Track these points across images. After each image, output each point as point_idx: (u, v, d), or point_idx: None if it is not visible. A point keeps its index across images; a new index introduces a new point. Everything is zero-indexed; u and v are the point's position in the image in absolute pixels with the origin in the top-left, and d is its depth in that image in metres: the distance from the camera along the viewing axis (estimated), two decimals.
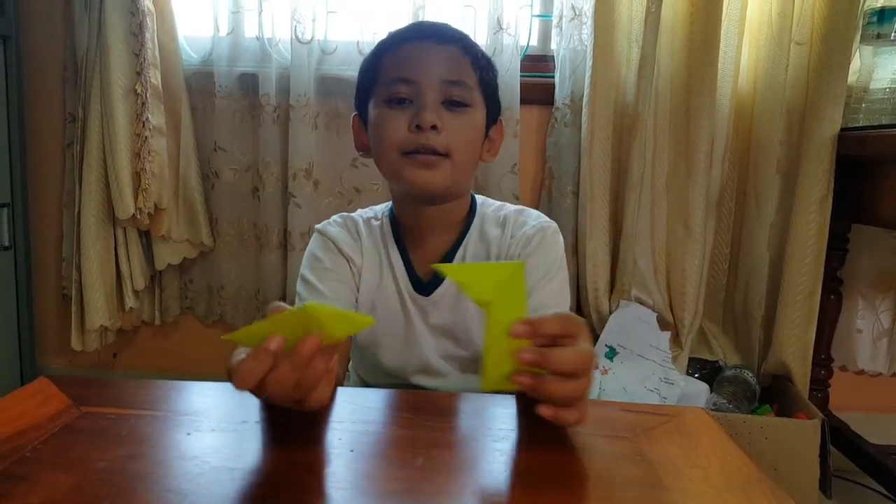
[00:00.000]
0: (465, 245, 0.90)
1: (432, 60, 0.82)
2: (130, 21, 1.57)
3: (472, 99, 0.84)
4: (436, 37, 0.84)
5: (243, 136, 1.73)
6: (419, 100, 0.81)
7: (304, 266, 0.90)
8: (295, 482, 0.46)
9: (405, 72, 0.82)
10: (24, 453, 0.49)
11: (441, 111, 0.81)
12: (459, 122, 0.83)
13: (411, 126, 0.80)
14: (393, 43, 0.86)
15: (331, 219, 0.95)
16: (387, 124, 0.82)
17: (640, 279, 1.62)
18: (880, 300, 1.73)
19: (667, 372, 1.51)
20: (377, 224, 0.93)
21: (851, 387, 1.76)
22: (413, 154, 0.81)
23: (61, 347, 1.84)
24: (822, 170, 1.44)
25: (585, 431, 0.56)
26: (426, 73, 0.81)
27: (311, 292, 0.86)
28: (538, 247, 0.89)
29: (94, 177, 1.63)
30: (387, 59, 0.85)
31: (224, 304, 1.81)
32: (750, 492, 0.48)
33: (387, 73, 0.84)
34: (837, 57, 1.41)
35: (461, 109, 0.83)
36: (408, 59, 0.83)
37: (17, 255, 1.73)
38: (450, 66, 0.83)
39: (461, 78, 0.83)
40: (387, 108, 0.83)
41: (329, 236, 0.91)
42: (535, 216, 0.93)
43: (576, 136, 1.64)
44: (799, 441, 1.33)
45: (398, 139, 0.81)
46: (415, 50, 0.83)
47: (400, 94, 0.82)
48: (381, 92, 0.84)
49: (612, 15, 1.55)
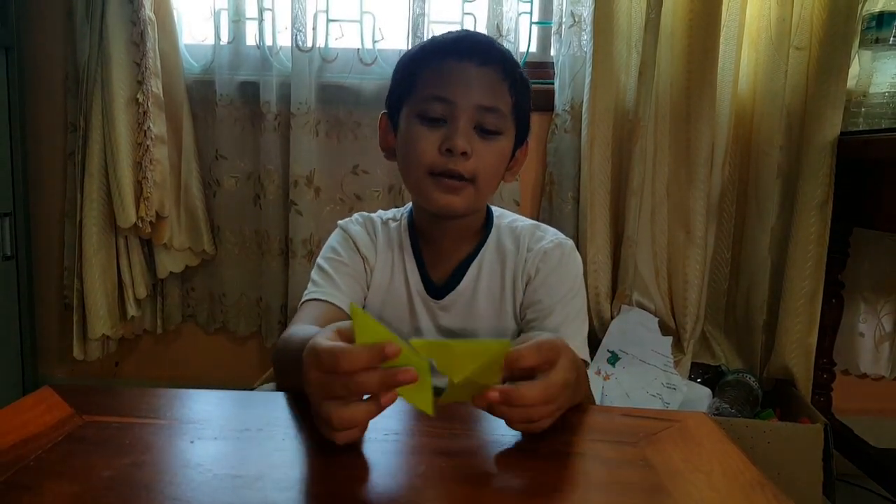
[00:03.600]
0: (481, 256, 0.92)
1: (471, 83, 0.82)
2: (131, 30, 1.58)
3: (504, 126, 0.85)
4: (478, 57, 0.83)
5: (244, 144, 1.73)
6: (452, 122, 0.82)
7: (321, 256, 0.93)
8: (298, 490, 0.46)
9: (442, 91, 0.82)
10: (28, 462, 0.49)
11: (472, 136, 0.82)
12: (489, 150, 0.84)
13: (441, 148, 0.81)
14: (435, 55, 0.85)
15: (353, 217, 0.98)
16: (418, 142, 0.83)
17: (641, 284, 1.62)
18: (882, 304, 1.72)
19: (669, 377, 1.51)
20: (395, 225, 0.96)
21: (854, 391, 1.76)
22: (439, 176, 0.82)
23: (63, 357, 1.84)
24: (822, 174, 1.44)
25: (588, 437, 0.56)
26: (463, 96, 0.81)
27: (327, 281, 0.88)
28: (559, 264, 0.90)
29: (95, 186, 1.63)
30: (426, 71, 0.85)
31: (226, 312, 1.81)
32: (753, 496, 0.47)
33: (424, 87, 0.84)
34: (836, 61, 1.41)
35: (492, 137, 0.84)
36: (447, 78, 0.82)
37: (18, 265, 1.73)
38: (487, 91, 0.83)
39: (496, 105, 0.83)
40: (419, 123, 0.83)
41: (349, 233, 0.94)
42: (552, 232, 0.95)
43: (576, 142, 1.64)
44: (802, 445, 1.32)
45: (427, 159, 0.82)
46: (455, 70, 0.83)
47: (434, 112, 0.82)
48: (415, 104, 0.84)
49: (611, 21, 1.55)
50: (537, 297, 0.89)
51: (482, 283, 0.91)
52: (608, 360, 1.55)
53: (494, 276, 0.91)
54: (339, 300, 0.86)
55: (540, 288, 0.89)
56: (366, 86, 1.68)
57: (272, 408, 0.62)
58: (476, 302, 0.91)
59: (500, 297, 0.91)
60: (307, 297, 0.87)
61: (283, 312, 1.76)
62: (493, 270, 0.92)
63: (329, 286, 0.88)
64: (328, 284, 0.88)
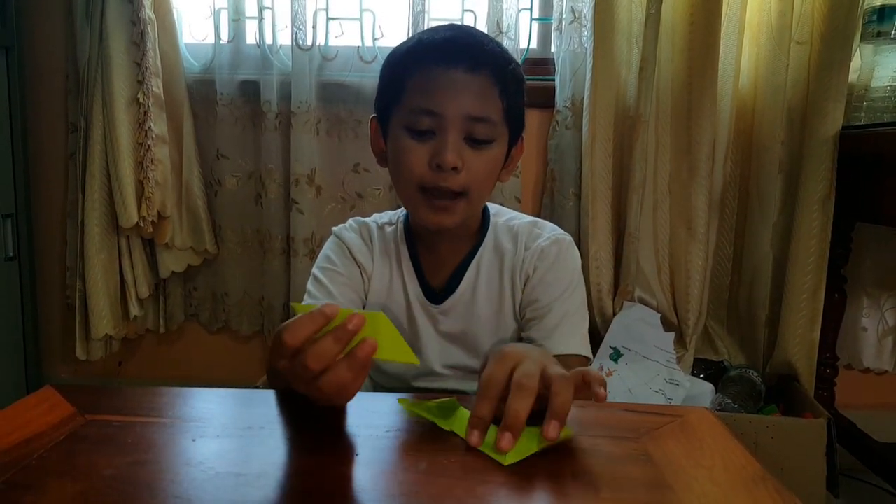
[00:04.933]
0: (479, 257, 0.91)
1: (459, 92, 0.79)
2: (132, 30, 1.58)
3: (496, 133, 0.82)
4: (466, 62, 0.79)
5: (245, 143, 1.73)
6: (441, 135, 0.79)
7: (317, 265, 0.92)
8: (300, 487, 0.46)
9: (429, 103, 0.79)
10: (31, 462, 0.49)
11: (462, 148, 0.79)
12: (480, 160, 0.81)
13: (431, 163, 0.79)
14: (422, 61, 0.81)
15: (347, 223, 0.96)
16: (407, 157, 0.81)
17: (643, 280, 1.62)
18: (885, 298, 1.72)
19: (672, 373, 1.51)
20: (391, 230, 0.94)
21: (857, 385, 1.75)
22: (430, 193, 0.80)
23: (66, 357, 1.85)
24: (824, 168, 1.44)
25: (590, 433, 0.56)
26: (450, 108, 0.78)
27: (321, 291, 0.88)
28: (556, 261, 0.89)
29: (97, 186, 1.63)
30: (413, 79, 0.81)
31: (228, 311, 1.81)
32: (755, 491, 0.47)
33: (411, 98, 0.81)
34: (838, 56, 1.41)
35: (484, 146, 0.81)
36: (434, 88, 0.79)
37: (21, 265, 1.73)
38: (476, 100, 0.79)
39: (486, 114, 0.80)
40: (408, 136, 0.81)
41: (344, 240, 0.93)
42: (549, 228, 0.93)
43: (577, 139, 1.64)
44: (805, 440, 1.32)
45: (417, 174, 0.80)
46: (442, 79, 0.79)
47: (422, 125, 0.79)
48: (403, 115, 0.82)
49: (611, 17, 1.55)
50: (535, 296, 0.88)
51: (481, 285, 0.90)
52: (611, 357, 1.55)
53: (493, 277, 0.91)
54: None
55: (538, 286, 0.89)
56: (366, 84, 1.67)
57: (274, 406, 0.62)
58: (475, 304, 0.90)
59: (499, 297, 0.90)
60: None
61: (285, 311, 1.76)
62: (491, 271, 0.91)
63: (323, 296, 0.87)
64: (322, 294, 0.87)
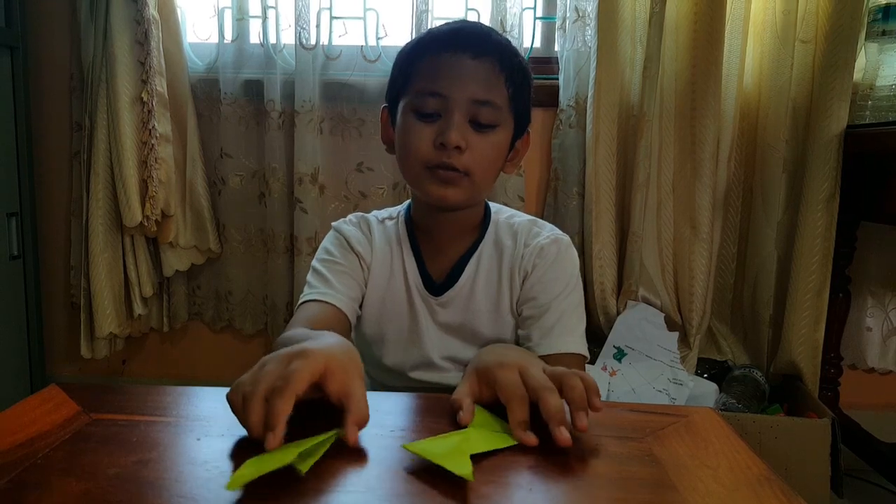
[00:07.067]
0: (479, 251, 0.92)
1: (465, 76, 0.81)
2: (136, 29, 1.58)
3: (500, 118, 0.84)
4: (473, 49, 0.82)
5: (249, 143, 1.73)
6: (446, 116, 0.81)
7: (316, 258, 0.93)
8: (305, 487, 0.46)
9: (436, 86, 0.82)
10: (35, 461, 0.49)
11: (467, 130, 0.82)
12: (484, 143, 0.83)
13: (436, 142, 0.81)
14: (430, 48, 0.85)
15: (347, 217, 0.98)
16: (413, 137, 0.83)
17: (647, 280, 1.62)
18: (890, 298, 1.72)
19: (675, 372, 1.50)
20: (392, 223, 0.96)
21: (862, 385, 1.75)
22: (435, 169, 0.82)
23: (70, 355, 1.85)
24: (828, 167, 1.43)
25: (594, 433, 0.56)
26: (456, 90, 0.81)
27: (320, 281, 0.89)
28: (555, 260, 0.90)
29: (101, 185, 1.63)
30: (422, 65, 0.84)
31: (232, 310, 1.81)
32: (760, 491, 0.47)
33: (419, 82, 0.84)
34: (842, 54, 1.40)
35: (488, 130, 0.83)
36: (440, 72, 0.82)
37: (25, 264, 1.74)
38: (481, 84, 0.82)
39: (491, 98, 0.82)
40: (414, 118, 0.83)
41: (342, 232, 0.94)
42: (548, 228, 0.95)
43: (581, 138, 1.64)
44: (809, 440, 1.32)
45: (422, 153, 0.82)
46: (448, 64, 0.82)
47: (428, 107, 0.82)
48: (410, 98, 0.84)
49: (615, 16, 1.55)
50: (533, 294, 0.89)
51: (480, 279, 0.91)
52: (614, 356, 1.55)
53: (492, 272, 0.92)
54: (333, 299, 0.86)
55: (536, 284, 0.89)
56: (369, 83, 1.68)
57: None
58: (474, 297, 0.91)
59: (497, 292, 0.91)
60: (302, 300, 0.87)
61: (288, 310, 1.77)
62: (490, 266, 0.92)
63: (323, 286, 0.88)
64: (322, 285, 0.88)
